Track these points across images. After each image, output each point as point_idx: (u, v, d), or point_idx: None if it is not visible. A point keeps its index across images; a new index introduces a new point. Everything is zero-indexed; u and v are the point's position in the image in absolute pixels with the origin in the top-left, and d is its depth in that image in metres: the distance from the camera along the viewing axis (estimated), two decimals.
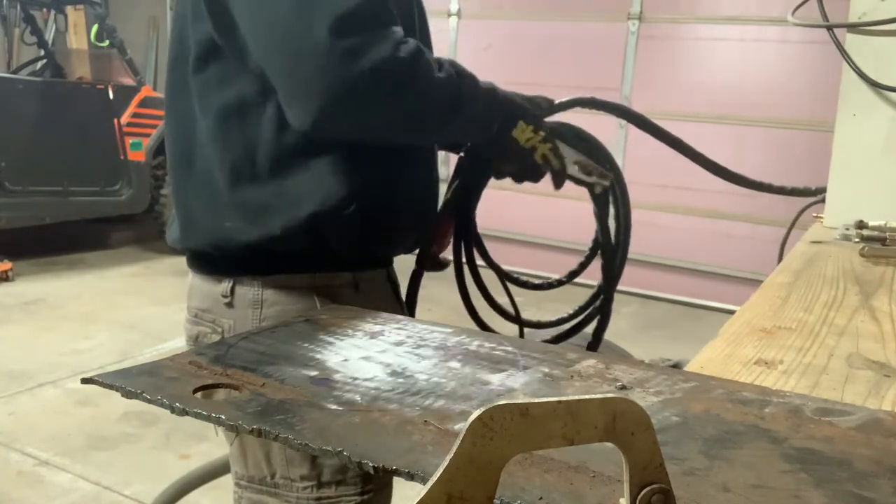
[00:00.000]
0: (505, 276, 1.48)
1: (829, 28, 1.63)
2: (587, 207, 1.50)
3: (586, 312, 1.54)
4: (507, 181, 1.37)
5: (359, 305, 1.04)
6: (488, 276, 1.46)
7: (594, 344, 1.56)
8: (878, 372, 0.83)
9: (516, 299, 1.49)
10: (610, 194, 1.49)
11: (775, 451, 0.58)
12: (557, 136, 1.33)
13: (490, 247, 1.47)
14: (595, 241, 1.53)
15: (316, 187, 1.14)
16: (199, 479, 2.00)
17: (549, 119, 1.36)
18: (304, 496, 1.19)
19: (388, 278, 1.34)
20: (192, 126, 1.20)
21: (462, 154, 1.39)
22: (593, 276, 1.59)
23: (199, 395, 0.65)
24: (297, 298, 1.20)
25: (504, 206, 4.82)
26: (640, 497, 0.42)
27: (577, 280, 1.55)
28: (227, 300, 1.21)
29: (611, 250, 1.53)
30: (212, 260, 1.24)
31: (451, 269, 1.42)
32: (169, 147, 1.26)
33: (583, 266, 1.54)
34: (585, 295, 1.55)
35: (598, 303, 1.54)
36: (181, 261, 1.33)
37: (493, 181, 1.39)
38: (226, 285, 1.21)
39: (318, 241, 1.17)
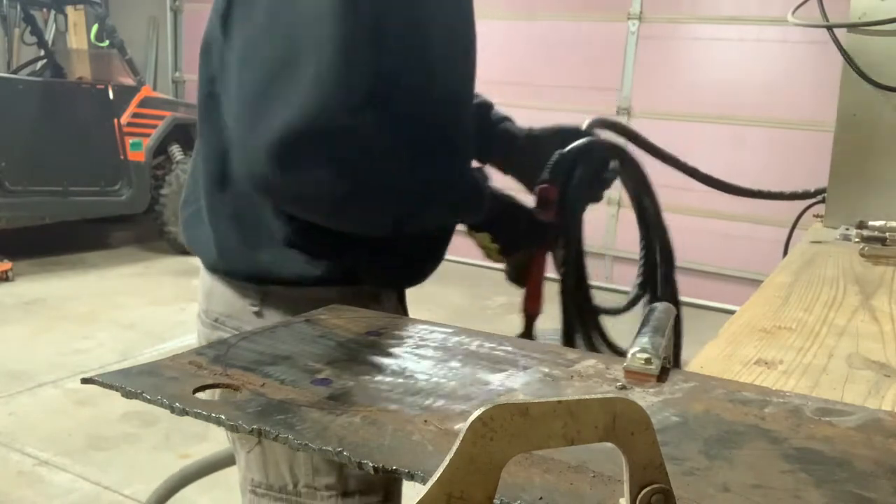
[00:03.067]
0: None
1: (829, 28, 1.63)
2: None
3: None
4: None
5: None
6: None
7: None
8: (878, 372, 0.83)
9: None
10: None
11: (775, 451, 0.58)
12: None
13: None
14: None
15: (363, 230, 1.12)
16: (194, 474, 2.00)
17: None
18: None
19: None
20: (227, 144, 1.11)
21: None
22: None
23: (198, 395, 0.65)
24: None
25: None
26: (640, 497, 0.42)
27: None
28: (255, 309, 1.16)
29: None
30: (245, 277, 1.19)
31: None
32: (203, 164, 1.18)
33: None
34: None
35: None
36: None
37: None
38: (256, 297, 1.17)
39: (355, 277, 1.15)
